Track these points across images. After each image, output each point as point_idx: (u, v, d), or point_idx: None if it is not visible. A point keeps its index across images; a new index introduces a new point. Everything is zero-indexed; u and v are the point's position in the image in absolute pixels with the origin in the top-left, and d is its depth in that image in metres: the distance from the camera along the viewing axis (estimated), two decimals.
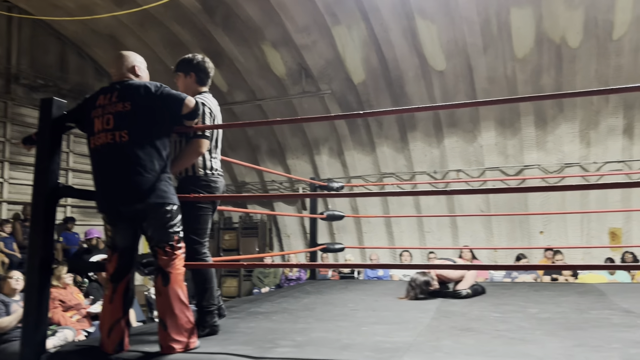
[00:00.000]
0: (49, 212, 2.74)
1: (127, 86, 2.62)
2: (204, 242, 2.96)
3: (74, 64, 10.80)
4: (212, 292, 2.98)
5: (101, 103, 2.61)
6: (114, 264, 2.62)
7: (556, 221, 9.15)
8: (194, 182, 2.92)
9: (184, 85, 3.03)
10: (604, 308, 3.93)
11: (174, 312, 2.51)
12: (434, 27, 8.42)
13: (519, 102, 8.16)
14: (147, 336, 3.05)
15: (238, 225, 11.89)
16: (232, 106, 10.55)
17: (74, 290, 5.94)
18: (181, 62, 3.06)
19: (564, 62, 8.29)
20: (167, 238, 2.58)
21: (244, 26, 9.25)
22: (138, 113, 2.54)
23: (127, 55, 2.78)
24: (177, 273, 2.58)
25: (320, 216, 6.71)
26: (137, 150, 2.52)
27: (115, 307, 2.58)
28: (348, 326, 3.28)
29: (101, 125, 2.57)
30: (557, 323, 3.31)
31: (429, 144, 9.78)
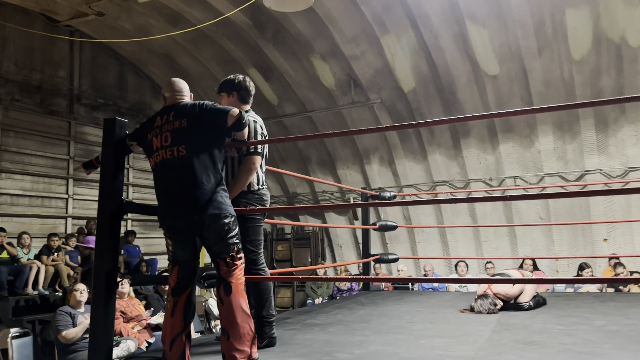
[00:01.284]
0: (114, 228, 2.86)
1: (182, 106, 2.76)
2: (260, 253, 3.05)
3: (132, 83, 11.27)
4: (270, 302, 3.03)
5: (158, 124, 2.74)
6: (174, 278, 2.69)
7: (621, 228, 8.69)
8: (247, 196, 3.01)
9: (227, 104, 3.10)
10: None
11: (236, 321, 2.57)
12: (485, 31, 8.25)
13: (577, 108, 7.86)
14: (207, 347, 3.11)
15: (290, 236, 11.99)
16: (283, 119, 10.70)
17: (135, 302, 6.14)
18: (223, 83, 3.16)
19: (624, 63, 7.91)
20: (227, 249, 2.65)
21: (293, 40, 9.38)
22: (193, 128, 2.66)
23: (177, 80, 2.93)
24: (239, 283, 2.64)
25: (373, 227, 6.67)
26: (194, 163, 2.62)
27: (176, 320, 2.64)
28: (406, 339, 3.24)
29: (160, 143, 2.69)
30: (627, 336, 3.14)
31: (483, 150, 9.55)
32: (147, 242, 10.55)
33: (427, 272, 9.12)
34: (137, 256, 9.24)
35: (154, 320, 5.87)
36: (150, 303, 6.56)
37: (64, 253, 8.24)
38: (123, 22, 9.40)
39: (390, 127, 3.54)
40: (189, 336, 2.73)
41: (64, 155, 9.87)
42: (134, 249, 9.26)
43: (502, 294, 4.38)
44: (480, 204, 9.69)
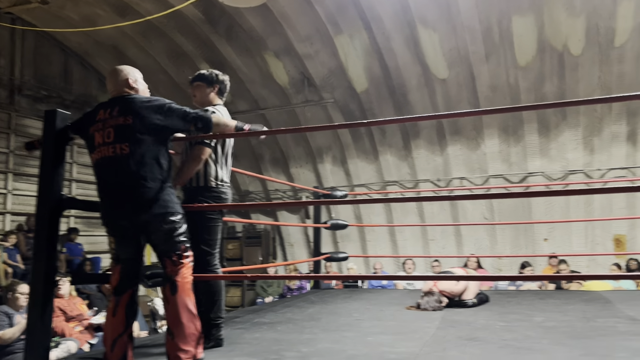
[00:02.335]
0: (53, 224, 2.74)
1: (128, 100, 2.64)
2: (215, 253, 2.98)
3: (78, 75, 10.86)
4: (220, 304, 2.98)
5: (101, 117, 2.63)
6: (117, 276, 2.61)
7: (560, 228, 9.11)
8: (204, 193, 2.96)
9: (203, 94, 3.14)
10: (610, 316, 3.90)
11: (181, 321, 2.52)
12: (435, 35, 8.44)
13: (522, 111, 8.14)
14: (151, 348, 3.03)
15: (241, 235, 11.87)
16: (235, 116, 10.52)
17: (77, 301, 5.92)
18: (206, 74, 3.18)
19: (566, 70, 8.29)
20: (173, 247, 2.60)
21: (246, 36, 9.29)
22: (139, 126, 2.56)
23: (122, 69, 2.78)
24: (185, 282, 2.59)
25: (324, 225, 6.69)
26: (138, 161, 2.54)
27: (118, 320, 2.56)
28: (354, 336, 3.27)
29: (102, 138, 2.59)
30: (564, 332, 3.28)
31: (432, 151, 9.77)
32: (91, 240, 10.19)
33: (377, 270, 9.25)
34: (79, 254, 8.92)
35: (97, 320, 5.67)
36: (93, 302, 6.35)
37: (2, 250, 7.85)
38: (68, 11, 9.04)
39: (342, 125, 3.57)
40: (132, 337, 2.65)
41: (3, 149, 9.40)
42: (76, 247, 8.93)
43: (447, 292, 4.50)
44: (429, 204, 9.91)
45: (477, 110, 3.11)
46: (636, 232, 8.72)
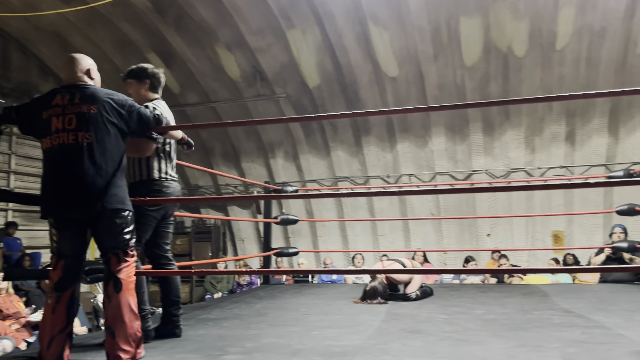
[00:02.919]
0: None
1: (92, 90, 2.59)
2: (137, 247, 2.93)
3: (17, 62, 10.35)
4: (142, 297, 2.93)
5: (59, 103, 2.53)
6: (59, 272, 2.52)
7: (503, 224, 9.45)
8: (145, 186, 2.90)
9: (136, 91, 3.06)
10: (546, 309, 4.08)
11: (123, 320, 2.46)
12: (386, 34, 8.55)
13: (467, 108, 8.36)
14: (90, 345, 2.95)
15: (190, 230, 11.68)
16: (185, 108, 10.37)
17: (14, 298, 5.68)
18: (135, 70, 3.09)
19: (510, 71, 8.59)
20: (121, 244, 2.55)
21: (196, 27, 9.12)
22: (104, 118, 2.53)
23: (82, 57, 2.73)
24: (130, 281, 2.54)
25: (275, 220, 6.69)
26: (99, 152, 2.50)
27: (58, 317, 2.47)
28: (299, 331, 3.28)
29: (61, 124, 2.50)
30: (502, 324, 3.41)
31: (382, 148, 9.92)
32: (31, 234, 9.76)
33: (327, 265, 9.32)
34: (18, 250, 8.53)
35: (35, 318, 5.45)
36: (31, 300, 6.09)
37: None
38: None
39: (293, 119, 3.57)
40: (71, 335, 2.57)
41: None
42: (14, 242, 8.54)
43: (393, 278, 4.68)
44: (378, 200, 10.06)
45: (425, 107, 3.20)
46: (573, 228, 9.16)
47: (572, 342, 2.81)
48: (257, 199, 4.92)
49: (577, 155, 8.98)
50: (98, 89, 2.64)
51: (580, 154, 8.95)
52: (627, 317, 3.59)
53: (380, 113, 3.86)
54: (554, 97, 3.66)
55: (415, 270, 5.04)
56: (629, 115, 8.49)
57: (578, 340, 2.85)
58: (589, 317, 3.62)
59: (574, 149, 8.98)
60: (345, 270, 5.42)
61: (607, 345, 2.70)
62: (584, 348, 2.65)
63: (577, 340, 2.85)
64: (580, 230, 9.13)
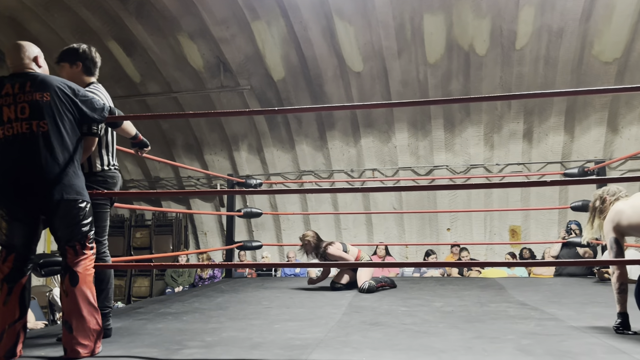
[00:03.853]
0: None
1: (43, 77, 2.52)
2: (103, 241, 2.87)
3: None
4: (107, 293, 2.88)
5: (9, 92, 2.46)
6: (9, 264, 2.45)
7: (462, 219, 9.66)
8: (90, 179, 2.80)
9: (70, 75, 2.85)
10: (502, 301, 4.21)
11: (81, 314, 2.42)
12: (351, 28, 8.58)
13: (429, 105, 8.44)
14: (46, 339, 2.87)
15: (151, 223, 11.47)
16: (146, 97, 10.14)
17: None
18: (65, 51, 2.90)
19: (471, 69, 8.75)
20: (77, 236, 2.50)
21: (159, 15, 8.91)
22: (58, 105, 2.47)
23: (28, 45, 2.65)
24: (87, 274, 2.50)
25: (238, 214, 6.65)
26: (54, 141, 2.44)
27: (9, 309, 2.41)
28: (260, 324, 3.28)
29: (14, 114, 2.43)
30: (459, 316, 3.50)
31: (346, 143, 9.96)
32: None
33: (291, 259, 9.33)
34: None
35: None
36: None
37: None
38: None
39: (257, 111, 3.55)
40: (25, 327, 2.51)
41: None
42: None
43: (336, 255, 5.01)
44: (341, 194, 10.11)
45: (388, 103, 3.23)
46: (529, 224, 9.45)
47: (526, 333, 2.91)
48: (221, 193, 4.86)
49: (534, 152, 9.24)
50: (49, 76, 2.58)
51: (537, 151, 9.21)
52: (579, 309, 3.74)
53: (345, 108, 3.89)
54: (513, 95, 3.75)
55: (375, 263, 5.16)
56: (584, 114, 8.79)
57: (532, 332, 2.94)
58: (543, 309, 3.75)
59: (531, 146, 9.23)
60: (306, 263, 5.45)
61: (559, 337, 2.80)
62: (538, 340, 2.75)
63: (531, 332, 2.94)
64: (537, 225, 9.42)
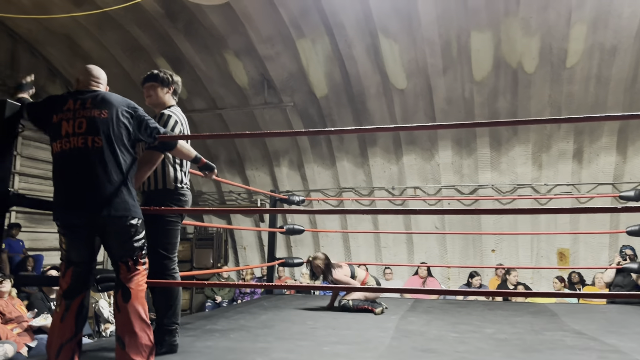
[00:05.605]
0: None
1: (103, 95, 2.58)
2: (173, 258, 2.91)
3: (26, 63, 10.33)
4: (175, 310, 2.89)
5: (71, 107, 2.52)
6: (68, 280, 2.48)
7: (508, 240, 9.39)
8: (164, 196, 2.89)
9: (159, 95, 3.08)
10: (557, 329, 4.03)
11: (133, 330, 2.41)
12: (396, 46, 8.55)
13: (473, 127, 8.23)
14: (98, 353, 2.90)
15: (192, 236, 11.62)
16: (191, 114, 10.35)
17: (16, 302, 5.62)
18: (161, 75, 3.12)
19: (519, 87, 8.56)
20: (130, 252, 2.50)
21: (206, 33, 9.12)
22: (114, 123, 2.51)
23: (96, 69, 2.74)
24: (139, 290, 2.49)
25: (280, 230, 6.64)
26: (108, 157, 2.47)
27: (66, 326, 2.43)
28: (309, 346, 3.23)
29: (72, 128, 2.48)
30: (514, 344, 3.36)
31: (388, 160, 9.88)
32: (33, 236, 9.70)
33: None
34: (20, 251, 8.47)
35: (37, 322, 5.40)
36: (33, 303, 6.02)
37: None
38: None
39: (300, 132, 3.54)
40: (80, 343, 2.53)
41: None
42: (17, 243, 8.48)
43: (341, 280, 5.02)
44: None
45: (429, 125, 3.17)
46: (579, 246, 9.10)
47: None
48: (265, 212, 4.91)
49: (584, 172, 8.94)
50: (109, 93, 2.64)
51: (588, 171, 8.91)
52: None
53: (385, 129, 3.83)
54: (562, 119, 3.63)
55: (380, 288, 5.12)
56: (638, 134, 8.47)
57: None
58: (602, 340, 3.57)
59: (581, 167, 8.94)
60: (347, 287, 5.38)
61: None
62: None
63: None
64: (586, 248, 9.07)
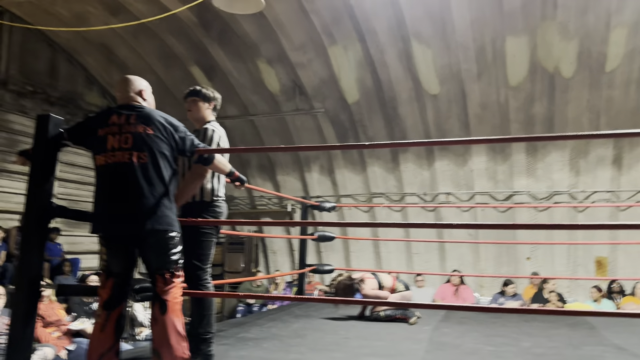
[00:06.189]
0: (41, 233, 2.66)
1: (147, 112, 2.64)
2: (206, 269, 2.97)
3: (64, 72, 10.65)
4: (209, 319, 2.94)
5: (116, 122, 2.59)
6: (108, 291, 2.54)
7: (543, 248, 9.17)
8: (200, 208, 2.97)
9: (200, 110, 3.18)
10: (597, 344, 3.92)
11: (170, 343, 2.46)
12: (429, 51, 8.47)
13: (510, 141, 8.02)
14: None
15: (224, 240, 11.74)
16: (224, 120, 10.46)
17: (56, 306, 5.78)
18: (203, 91, 3.23)
19: (556, 92, 8.37)
20: (167, 265, 2.55)
21: (239, 41, 9.22)
22: (160, 139, 2.58)
23: (135, 79, 2.79)
24: (175, 302, 2.53)
25: (311, 237, 6.65)
26: (153, 173, 2.53)
27: (106, 335, 2.49)
28: (342, 358, 3.22)
29: (118, 143, 2.54)
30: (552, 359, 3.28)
31: (419, 165, 9.79)
32: (70, 240, 9.96)
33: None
34: (59, 254, 8.71)
35: (75, 326, 5.54)
36: (71, 307, 6.18)
37: None
38: (59, 7, 8.88)
39: (333, 147, 3.55)
40: (118, 352, 2.58)
41: None
42: (55, 247, 8.72)
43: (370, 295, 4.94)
44: (413, 217, 9.90)
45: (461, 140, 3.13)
46: (617, 255, 8.82)
47: None
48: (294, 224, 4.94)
49: (623, 179, 8.66)
50: (153, 110, 2.70)
51: (628, 178, 8.63)
52: None
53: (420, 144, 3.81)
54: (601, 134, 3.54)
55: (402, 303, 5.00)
56: None
57: None
58: None
59: (621, 173, 8.67)
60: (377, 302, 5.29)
61: None
62: None
63: None
64: (625, 256, 8.77)
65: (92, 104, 10.64)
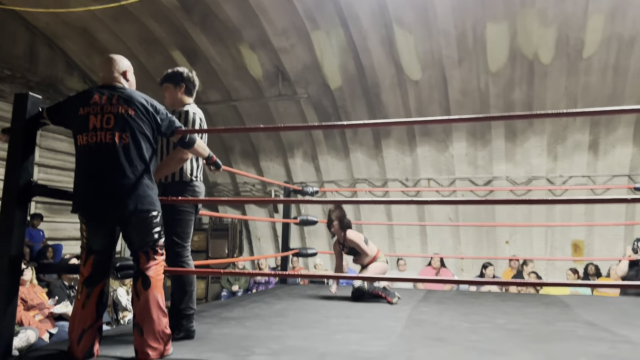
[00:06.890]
0: (20, 212, 2.67)
1: (128, 93, 2.66)
2: (186, 246, 3.02)
3: (44, 56, 10.51)
4: (191, 296, 3.00)
5: (97, 102, 2.59)
6: (89, 268, 2.57)
7: (521, 232, 9.37)
8: (180, 188, 3.00)
9: (172, 95, 3.18)
10: (569, 320, 4.05)
11: (152, 317, 2.51)
12: (411, 37, 8.52)
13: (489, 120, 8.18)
14: (117, 340, 2.99)
15: (208, 227, 11.76)
16: (207, 106, 10.43)
17: (37, 289, 5.77)
18: (171, 74, 3.20)
19: (535, 78, 8.50)
20: (150, 243, 2.60)
21: (221, 26, 9.17)
22: (141, 121, 2.61)
23: (118, 59, 2.80)
24: (158, 279, 2.59)
25: (294, 221, 6.70)
26: (134, 153, 2.56)
27: (88, 312, 2.53)
28: (322, 334, 3.29)
29: (99, 123, 2.56)
30: (526, 335, 3.39)
31: (402, 151, 9.88)
32: (52, 226, 9.90)
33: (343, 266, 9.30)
34: (40, 241, 8.67)
35: (58, 310, 5.55)
36: (53, 291, 6.17)
37: None
38: None
39: (314, 126, 3.60)
40: (100, 329, 2.62)
41: None
42: (37, 233, 8.68)
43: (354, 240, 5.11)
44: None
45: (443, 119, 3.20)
46: (593, 238, 9.05)
47: (599, 356, 2.79)
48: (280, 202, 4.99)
49: (600, 164, 8.86)
50: (135, 91, 2.71)
51: (604, 163, 8.83)
52: None
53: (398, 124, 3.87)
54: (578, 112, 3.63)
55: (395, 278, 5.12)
56: None
57: (605, 355, 2.82)
58: (614, 331, 3.58)
59: (597, 158, 8.86)
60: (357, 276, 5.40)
61: None
62: None
63: (604, 355, 2.82)
64: (601, 240, 9.01)
65: (73, 89, 10.51)
